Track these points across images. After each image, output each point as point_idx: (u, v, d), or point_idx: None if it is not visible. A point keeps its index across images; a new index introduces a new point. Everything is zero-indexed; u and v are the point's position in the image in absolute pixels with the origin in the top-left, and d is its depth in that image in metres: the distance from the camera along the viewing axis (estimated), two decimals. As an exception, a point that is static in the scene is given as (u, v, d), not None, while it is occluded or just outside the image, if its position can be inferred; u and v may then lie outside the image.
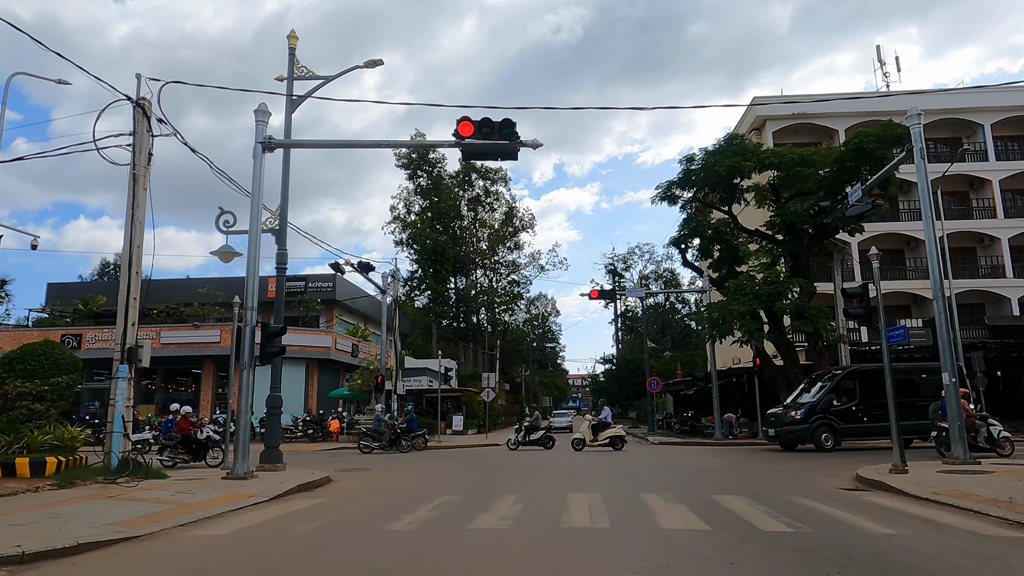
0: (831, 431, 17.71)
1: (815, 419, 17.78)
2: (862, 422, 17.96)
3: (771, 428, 18.82)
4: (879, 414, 17.27)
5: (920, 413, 17.77)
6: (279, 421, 13.65)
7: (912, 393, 18.60)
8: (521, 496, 9.26)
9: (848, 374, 18.97)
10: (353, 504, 8.99)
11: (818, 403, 17.98)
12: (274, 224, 14.11)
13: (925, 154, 12.58)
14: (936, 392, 17.96)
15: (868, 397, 17.92)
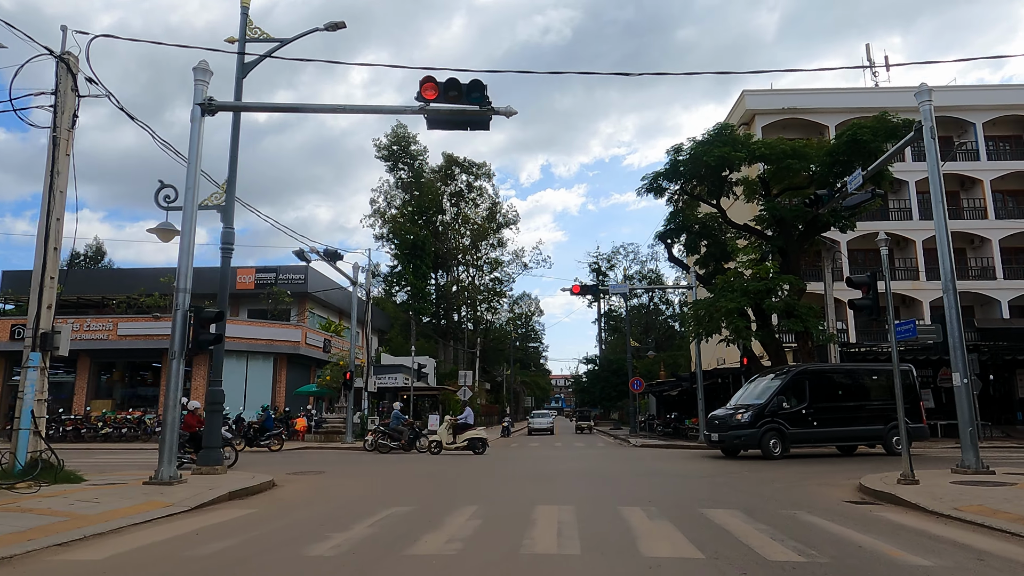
0: (780, 437, 16.01)
1: (763, 423, 16.02)
2: (812, 427, 16.43)
3: (715, 432, 17.08)
4: (830, 419, 16.52)
5: (870, 418, 16.88)
6: (220, 418, 12.25)
7: (861, 396, 17.59)
8: (482, 509, 7.99)
9: (799, 374, 17.27)
10: (283, 517, 7.66)
11: (767, 405, 16.25)
12: (220, 200, 12.71)
13: (936, 133, 11.53)
14: (887, 395, 16.80)
15: (819, 399, 16.76)
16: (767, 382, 17.42)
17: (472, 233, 57.80)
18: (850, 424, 16.74)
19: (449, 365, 54.38)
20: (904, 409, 17.08)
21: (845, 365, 20.70)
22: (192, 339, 10.13)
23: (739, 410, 16.68)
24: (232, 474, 11.75)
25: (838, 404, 16.99)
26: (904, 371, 17.84)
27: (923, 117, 11.61)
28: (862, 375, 18.33)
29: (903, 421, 9.97)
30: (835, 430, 16.65)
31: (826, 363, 22.89)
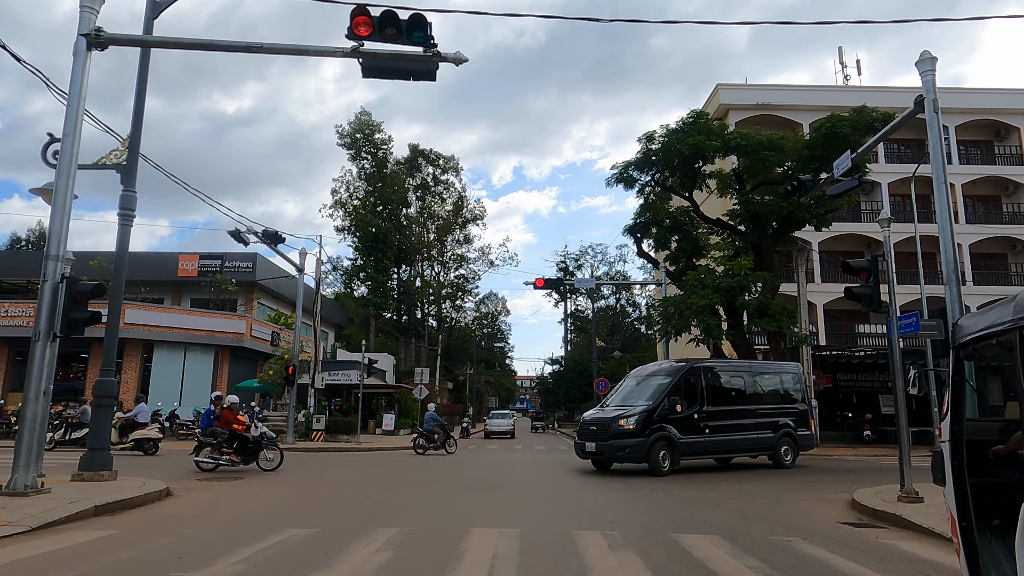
0: (670, 447, 12.96)
1: (653, 431, 12.84)
2: (704, 435, 13.60)
3: (590, 440, 13.41)
4: (723, 425, 13.97)
5: (762, 424, 14.60)
6: (110, 415, 10.33)
7: (754, 399, 15.18)
8: (401, 534, 6.35)
9: (691, 370, 14.16)
10: (141, 543, 5.92)
11: (657, 408, 13.11)
12: (121, 158, 10.81)
13: (938, 107, 10.30)
14: (778, 399, 15.42)
15: (713, 402, 14.14)
16: (654, 379, 14.38)
17: (437, 228, 55.92)
18: (742, 431, 14.27)
19: (410, 363, 52.39)
20: (794, 414, 15.23)
21: (740, 362, 17.93)
22: (63, 318, 8.27)
23: (624, 414, 13.19)
24: (123, 480, 9.88)
25: (732, 408, 14.52)
26: (792, 372, 16.25)
27: (925, 90, 10.37)
28: (756, 374, 15.79)
29: (905, 429, 8.63)
30: (727, 439, 14.00)
31: (720, 359, 20.16)
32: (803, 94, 33.63)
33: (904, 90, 32.06)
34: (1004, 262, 32.26)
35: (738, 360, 19.12)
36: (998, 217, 32.18)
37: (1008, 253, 32.24)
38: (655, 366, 15.77)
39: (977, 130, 33.21)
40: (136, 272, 32.27)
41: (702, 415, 13.71)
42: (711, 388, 14.36)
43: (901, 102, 29.95)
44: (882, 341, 31.23)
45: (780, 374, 16.20)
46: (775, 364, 17.76)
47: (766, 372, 16.26)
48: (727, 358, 20.36)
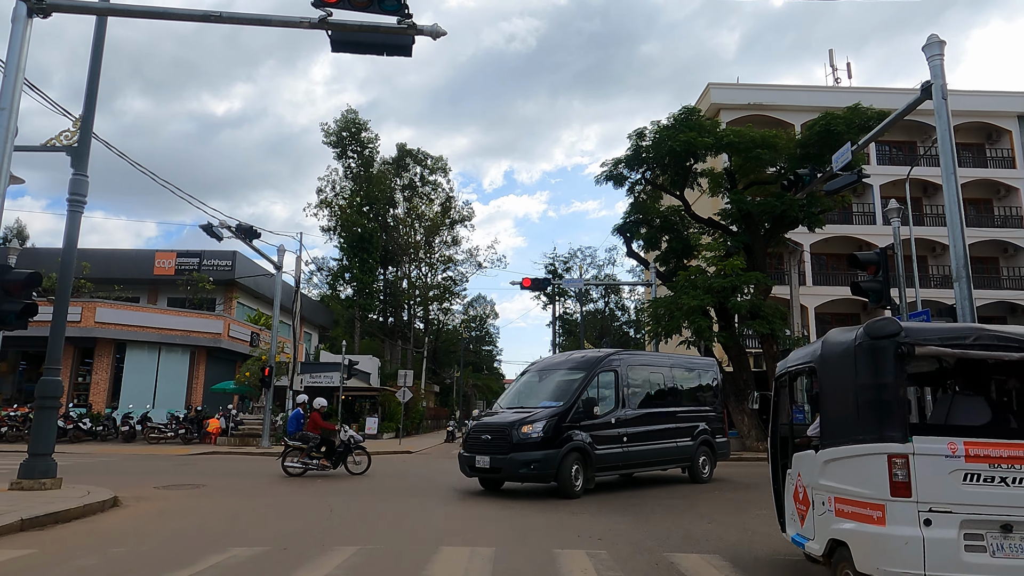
0: (583, 461, 10.20)
1: (564, 440, 10.06)
2: (622, 444, 10.97)
3: (482, 453, 10.32)
4: (643, 433, 11.39)
5: (681, 430, 12.20)
6: (55, 416, 9.49)
7: (674, 399, 12.63)
8: (360, 555, 5.61)
9: (608, 364, 11.44)
10: (48, 570, 5.13)
11: (570, 411, 10.35)
12: (72, 140, 10.00)
13: (947, 93, 9.74)
14: (696, 400, 13.26)
15: (633, 404, 11.57)
16: (563, 373, 11.55)
17: (425, 229, 55.11)
18: (662, 439, 11.79)
19: (396, 366, 51.52)
20: (712, 418, 13.09)
21: (659, 355, 14.75)
22: (-8, 310, 7.45)
23: (528, 418, 10.27)
24: (66, 490, 9.04)
25: (652, 411, 11.92)
26: (710, 369, 14.15)
27: (932, 75, 9.82)
28: (676, 370, 13.22)
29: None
30: (647, 449, 11.45)
31: (641, 351, 17.45)
32: (795, 94, 33.28)
33: (897, 91, 31.78)
34: (996, 266, 31.97)
35: (656, 353, 16.10)
36: (989, 220, 31.89)
37: (1000, 257, 31.97)
38: (563, 357, 12.75)
39: (968, 133, 32.94)
40: (111, 270, 31.30)
41: (620, 420, 11.02)
42: (630, 386, 11.67)
43: (894, 103, 29.80)
44: (873, 345, 30.82)
45: (698, 371, 13.97)
46: (693, 359, 15.28)
47: (685, 368, 13.70)
48: (644, 351, 16.92)
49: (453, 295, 58.85)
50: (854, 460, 4.06)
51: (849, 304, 31.10)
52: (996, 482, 3.70)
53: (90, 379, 26.67)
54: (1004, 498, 3.68)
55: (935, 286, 30.81)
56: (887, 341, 4.05)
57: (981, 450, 3.76)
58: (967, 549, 3.65)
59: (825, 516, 4.28)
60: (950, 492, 3.71)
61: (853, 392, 4.16)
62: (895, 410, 3.93)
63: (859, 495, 3.96)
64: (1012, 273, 31.58)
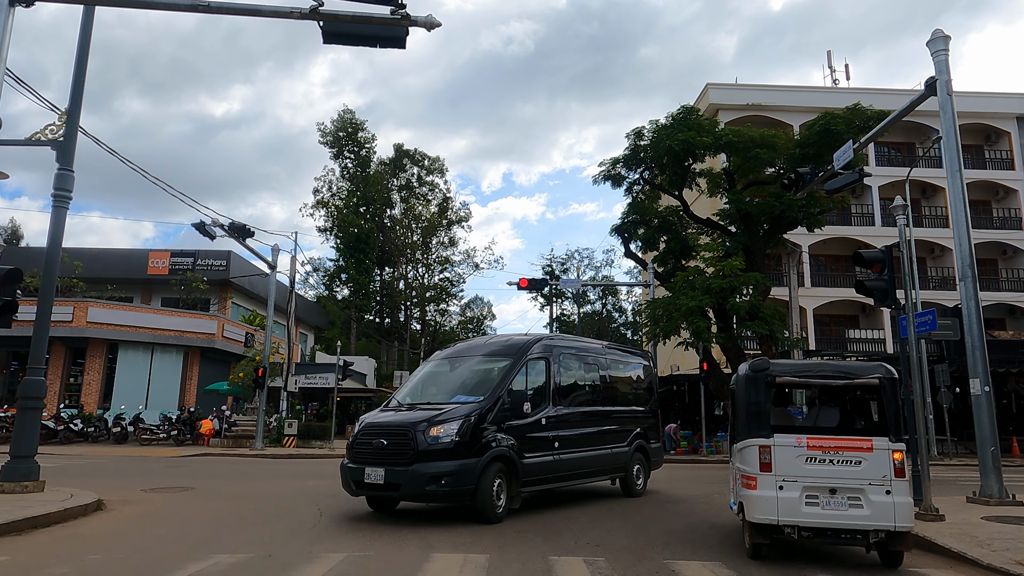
0: (508, 473, 7.93)
1: (484, 446, 7.72)
2: (554, 452, 8.67)
3: (373, 464, 7.71)
4: (577, 437, 9.17)
5: (618, 435, 10.13)
6: (38, 417, 9.24)
7: (608, 397, 10.51)
8: (347, 560, 5.38)
9: (540, 350, 9.04)
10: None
11: (493, 408, 7.99)
12: (57, 134, 9.75)
13: (951, 89, 9.57)
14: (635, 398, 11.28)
15: (566, 400, 9.28)
16: (484, 361, 9.18)
17: (422, 230, 54.84)
18: (598, 445, 9.66)
19: (392, 367, 51.28)
20: (646, 421, 11.07)
21: (592, 342, 11.81)
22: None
23: (438, 416, 7.75)
24: (49, 493, 8.77)
25: (587, 410, 9.79)
26: (643, 364, 12.14)
27: (937, 71, 9.65)
28: (610, 362, 10.99)
29: (922, 437, 7.79)
30: (582, 456, 9.23)
31: (573, 335, 15.22)
32: (793, 95, 33.18)
33: (896, 92, 31.70)
34: (994, 267, 31.86)
35: (590, 340, 13.09)
36: (988, 222, 31.79)
37: (999, 258, 31.87)
38: (481, 341, 10.51)
39: (967, 134, 32.80)
40: (104, 269, 30.99)
41: (552, 420, 8.72)
42: (564, 378, 9.43)
43: (893, 103, 29.74)
44: (872, 346, 30.69)
45: (632, 363, 11.84)
46: (627, 349, 12.87)
47: (621, 359, 11.49)
48: (577, 336, 14.20)
49: (450, 296, 58.60)
50: (745, 449, 5.94)
51: (847, 305, 30.97)
52: (826, 463, 5.59)
53: (82, 380, 26.35)
54: (831, 472, 5.58)
55: (934, 288, 30.69)
56: (761, 374, 6.02)
57: (816, 442, 5.68)
58: (806, 504, 5.56)
59: (736, 487, 6.26)
60: (796, 469, 5.62)
61: (744, 405, 6.09)
62: (764, 417, 5.89)
63: (746, 471, 5.85)
64: (1011, 275, 31.48)
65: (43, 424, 19.52)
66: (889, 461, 5.49)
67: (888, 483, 5.44)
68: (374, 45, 8.49)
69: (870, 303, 27.62)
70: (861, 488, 5.47)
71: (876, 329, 30.68)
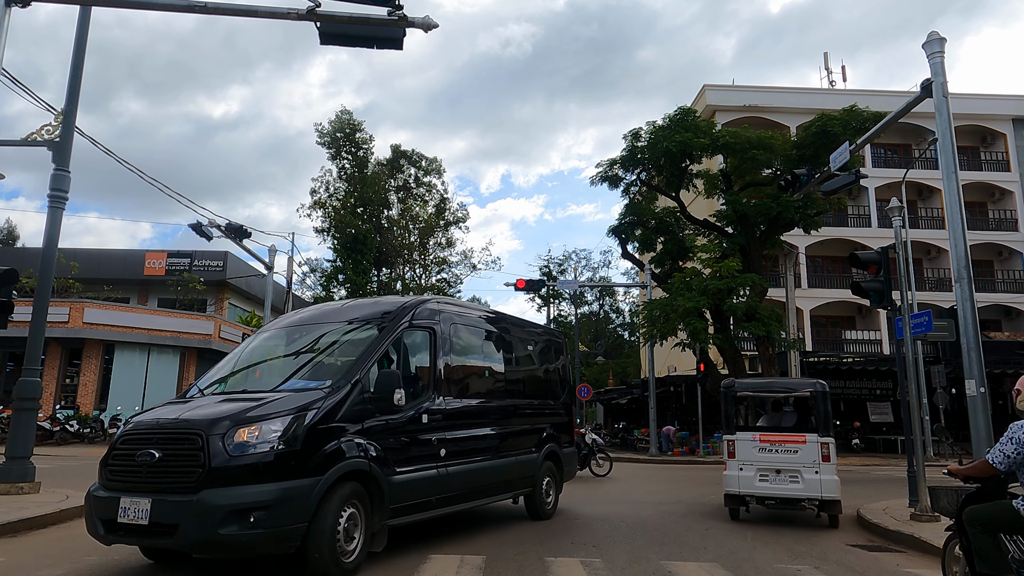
0: (365, 497, 5.33)
1: (331, 456, 5.06)
2: (438, 464, 6.24)
3: (132, 492, 4.72)
4: (474, 441, 6.87)
5: (527, 436, 7.92)
6: (34, 418, 9.23)
7: (512, 387, 7.96)
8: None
9: (417, 317, 6.52)
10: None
11: (345, 399, 5.32)
12: (53, 134, 9.74)
13: (948, 91, 9.60)
14: (545, 389, 8.75)
15: (456, 390, 6.82)
16: (336, 331, 6.43)
17: (419, 231, 54.86)
18: (499, 451, 7.31)
19: (389, 368, 51.19)
20: (558, 419, 8.72)
21: (498, 312, 8.84)
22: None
23: (250, 410, 4.94)
24: (44, 495, 8.75)
25: (486, 403, 7.33)
26: (555, 344, 9.56)
27: (933, 73, 9.68)
28: (520, 339, 8.53)
29: (917, 439, 7.80)
30: (477, 466, 6.86)
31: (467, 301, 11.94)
32: (790, 96, 33.26)
33: (893, 93, 31.84)
34: (990, 268, 31.98)
35: (488, 308, 10.60)
36: (984, 224, 31.90)
37: (994, 260, 31.98)
38: (337, 306, 7.34)
39: (963, 136, 32.93)
40: (100, 270, 30.95)
41: (437, 419, 6.27)
42: (454, 359, 6.85)
43: (889, 105, 29.81)
44: (868, 347, 30.77)
45: (543, 344, 9.14)
46: (538, 326, 10.13)
47: (529, 339, 8.81)
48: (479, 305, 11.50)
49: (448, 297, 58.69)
50: (722, 442, 8.54)
51: (844, 307, 31.03)
52: (773, 452, 7.92)
53: (78, 380, 26.27)
54: (776, 459, 7.89)
55: (930, 289, 30.78)
56: (729, 390, 8.65)
57: (766, 438, 8.04)
58: (759, 480, 7.94)
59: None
60: (752, 456, 8.00)
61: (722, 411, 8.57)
62: (731, 420, 8.48)
63: (724, 456, 8.28)
64: (1007, 276, 31.60)
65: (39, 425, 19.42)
66: (818, 450, 7.66)
67: (817, 466, 7.63)
68: (371, 46, 8.48)
69: (866, 304, 27.75)
70: (798, 469, 7.69)
71: (873, 330, 30.76)
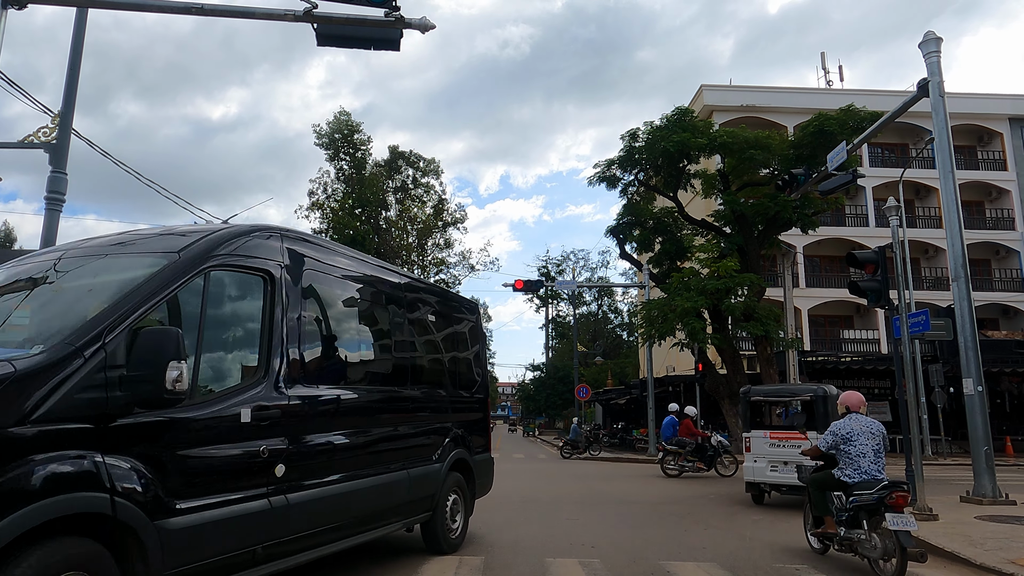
0: (107, 558, 2.88)
1: (8, 497, 2.54)
2: (269, 487, 3.82)
3: None
4: (338, 452, 4.51)
5: (423, 442, 5.71)
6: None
7: (403, 373, 5.60)
8: (342, 564, 5.36)
9: (246, 244, 4.03)
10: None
11: (62, 383, 2.85)
12: (51, 136, 9.72)
13: (944, 91, 9.62)
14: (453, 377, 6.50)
15: (315, 367, 4.45)
16: (97, 267, 3.77)
17: (417, 232, 54.90)
18: (377, 465, 4.99)
19: (387, 369, 51.20)
20: (470, 414, 6.67)
21: (382, 264, 6.07)
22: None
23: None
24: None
25: (359, 396, 4.90)
26: (464, 310, 7.19)
27: (929, 72, 9.71)
28: (420, 302, 6.28)
29: (916, 438, 7.81)
30: (340, 492, 4.44)
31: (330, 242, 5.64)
32: (787, 96, 33.31)
33: (889, 93, 31.90)
34: (987, 267, 32.04)
35: (369, 257, 6.16)
36: (981, 223, 31.96)
37: (992, 259, 32.04)
38: (104, 239, 4.30)
39: (960, 135, 33.00)
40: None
41: (270, 417, 3.90)
42: (310, 324, 4.49)
43: (886, 105, 29.86)
44: (866, 347, 30.81)
45: (453, 316, 6.91)
46: (442, 291, 7.54)
47: (432, 307, 6.56)
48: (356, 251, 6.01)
49: (445, 297, 58.63)
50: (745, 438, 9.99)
51: (841, 306, 31.06)
52: (780, 446, 9.38)
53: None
54: (783, 453, 9.27)
55: (927, 288, 30.82)
56: (746, 394, 10.47)
57: (775, 435, 9.59)
58: (770, 470, 9.42)
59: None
60: (765, 450, 9.55)
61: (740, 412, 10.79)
62: (748, 420, 10.23)
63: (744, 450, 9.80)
64: (1004, 275, 31.66)
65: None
66: None
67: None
68: (368, 47, 8.47)
69: (864, 304, 27.67)
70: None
71: (871, 329, 30.81)
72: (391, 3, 7.81)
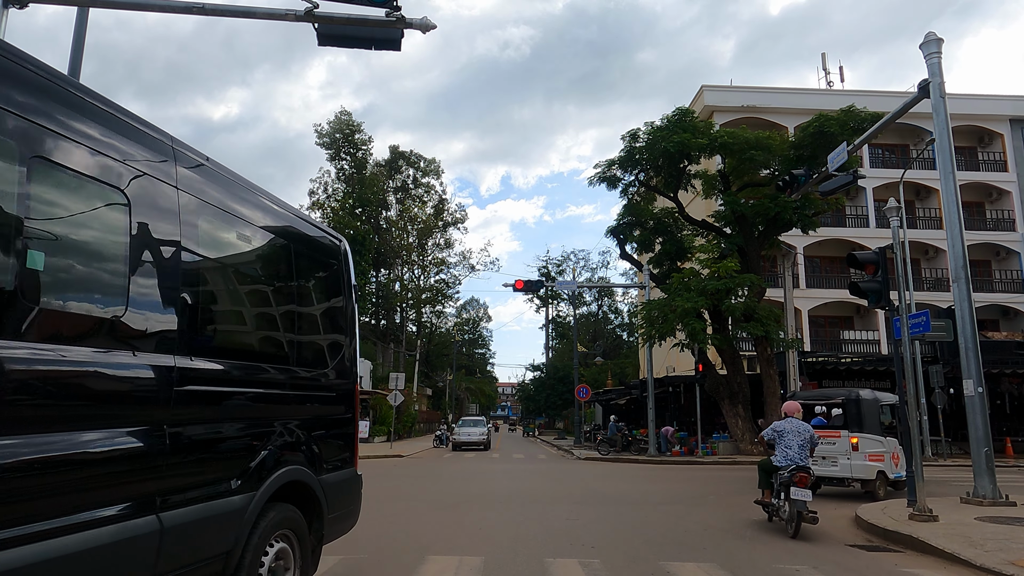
0: None
1: None
2: None
3: None
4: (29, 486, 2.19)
5: (208, 463, 3.09)
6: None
7: (208, 341, 3.20)
8: (342, 563, 5.38)
9: None
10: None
11: None
12: (51, 136, 9.72)
13: (945, 92, 9.62)
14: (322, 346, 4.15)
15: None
16: None
17: (418, 231, 54.89)
18: (50, 517, 2.23)
19: (387, 369, 51.22)
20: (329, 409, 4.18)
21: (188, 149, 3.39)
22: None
23: None
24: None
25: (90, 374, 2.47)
26: (310, 245, 4.41)
27: (930, 73, 9.70)
28: (241, 231, 3.57)
29: (916, 438, 7.80)
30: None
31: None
32: (788, 97, 33.30)
33: (890, 94, 31.87)
34: (988, 268, 32.04)
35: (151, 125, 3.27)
36: (982, 224, 31.96)
37: (992, 260, 32.03)
38: None
39: (961, 136, 32.99)
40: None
41: None
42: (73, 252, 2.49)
43: (887, 106, 29.84)
44: (867, 347, 30.79)
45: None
46: (281, 207, 4.18)
47: (258, 230, 3.77)
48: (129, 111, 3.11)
49: (446, 298, 58.60)
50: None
51: (842, 307, 31.05)
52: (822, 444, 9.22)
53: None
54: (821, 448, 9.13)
55: (928, 289, 30.82)
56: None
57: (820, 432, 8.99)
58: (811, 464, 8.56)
59: None
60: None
61: None
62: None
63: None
64: (1004, 276, 31.65)
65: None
66: (848, 443, 10.12)
67: (849, 454, 10.12)
68: (369, 47, 8.48)
69: (864, 304, 27.66)
70: (836, 456, 10.16)
71: (871, 330, 30.80)
72: (392, 3, 7.81)
